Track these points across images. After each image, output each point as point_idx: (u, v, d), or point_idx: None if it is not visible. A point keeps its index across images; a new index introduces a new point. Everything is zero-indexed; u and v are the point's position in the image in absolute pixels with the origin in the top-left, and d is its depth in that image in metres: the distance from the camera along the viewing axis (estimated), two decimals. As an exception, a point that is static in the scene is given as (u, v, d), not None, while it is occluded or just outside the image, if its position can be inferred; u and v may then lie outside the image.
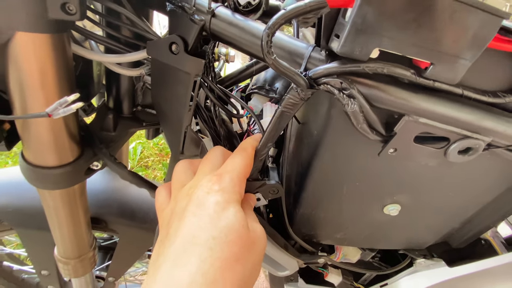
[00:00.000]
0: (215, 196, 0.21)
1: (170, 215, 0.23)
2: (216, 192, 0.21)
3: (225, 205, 0.21)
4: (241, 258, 0.19)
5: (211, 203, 0.21)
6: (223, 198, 0.21)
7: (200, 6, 0.26)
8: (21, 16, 0.21)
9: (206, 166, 0.25)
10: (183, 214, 0.21)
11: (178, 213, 0.22)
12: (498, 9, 0.18)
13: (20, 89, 0.25)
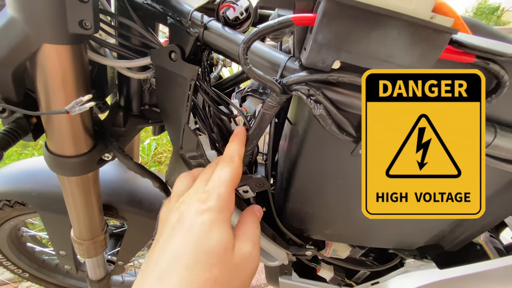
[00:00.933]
0: (202, 216, 0.21)
1: (164, 222, 0.25)
2: (203, 212, 0.22)
3: (210, 226, 0.21)
4: (222, 281, 0.20)
5: (197, 224, 0.21)
6: (210, 219, 0.21)
7: (195, 20, 0.30)
8: (47, 31, 0.26)
9: (200, 181, 0.26)
10: (173, 230, 0.22)
11: (169, 225, 0.23)
12: (446, 26, 0.21)
13: (45, 90, 0.30)
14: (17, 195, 0.59)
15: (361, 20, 0.20)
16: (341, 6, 0.20)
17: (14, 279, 1.21)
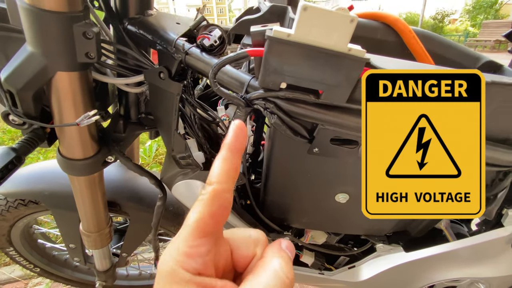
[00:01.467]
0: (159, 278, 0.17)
1: None
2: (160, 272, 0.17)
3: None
4: None
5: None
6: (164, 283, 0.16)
7: (178, 46, 0.37)
8: (60, 62, 0.33)
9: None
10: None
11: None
12: (360, 57, 0.28)
13: (58, 106, 0.37)
14: (31, 195, 0.66)
15: (297, 53, 0.27)
16: (280, 43, 0.27)
17: (24, 276, 1.28)
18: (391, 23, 0.52)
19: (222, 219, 0.18)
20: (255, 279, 0.17)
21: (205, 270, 0.17)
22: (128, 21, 0.40)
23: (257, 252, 0.19)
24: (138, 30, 0.40)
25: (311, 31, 0.26)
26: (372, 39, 0.54)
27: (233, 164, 0.18)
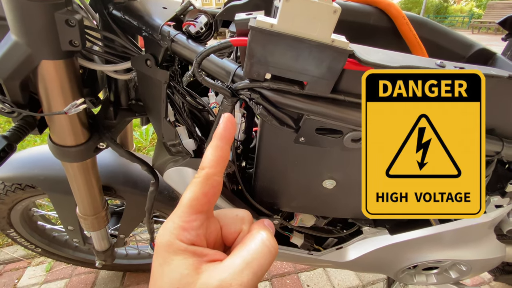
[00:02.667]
0: (157, 250, 0.19)
1: None
2: (159, 245, 0.19)
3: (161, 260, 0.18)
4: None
5: (154, 261, 0.19)
6: (160, 253, 0.18)
7: (164, 33, 0.37)
8: (44, 51, 0.33)
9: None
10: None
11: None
12: (343, 48, 0.28)
13: (46, 95, 0.37)
14: (27, 179, 0.67)
15: (280, 44, 0.27)
16: (263, 34, 0.27)
17: (27, 256, 1.32)
18: (384, 8, 0.51)
19: (213, 198, 0.20)
20: (244, 247, 0.19)
21: (198, 241, 0.19)
22: (113, 6, 0.39)
23: (243, 228, 0.21)
24: (123, 15, 0.39)
25: (294, 21, 0.26)
26: (365, 24, 0.53)
27: (223, 152, 0.20)
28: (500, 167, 0.52)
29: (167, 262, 0.17)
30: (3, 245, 1.39)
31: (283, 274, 1.16)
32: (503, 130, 0.40)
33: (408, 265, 0.66)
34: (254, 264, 0.18)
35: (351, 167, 0.46)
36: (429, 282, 0.72)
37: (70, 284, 1.15)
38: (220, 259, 0.18)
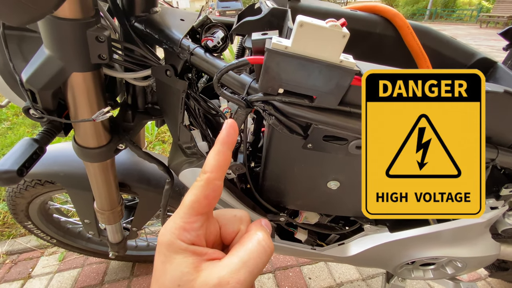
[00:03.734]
0: (160, 248, 0.19)
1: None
2: (161, 243, 0.19)
3: (163, 258, 0.19)
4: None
5: (156, 260, 0.19)
6: (162, 252, 0.19)
7: (184, 46, 0.40)
8: (75, 64, 0.36)
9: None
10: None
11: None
12: (351, 68, 0.31)
13: (74, 103, 0.40)
14: (47, 175, 0.71)
15: (293, 64, 0.30)
16: (278, 54, 0.29)
17: (40, 246, 1.38)
18: (390, 18, 0.53)
19: (213, 201, 0.21)
20: (241, 247, 0.20)
21: (198, 241, 0.20)
22: (134, 19, 0.42)
23: (241, 228, 0.23)
24: (145, 28, 0.42)
25: (307, 44, 0.29)
26: (372, 33, 0.55)
27: (225, 156, 0.21)
28: (496, 171, 0.55)
29: (168, 261, 0.18)
30: (16, 236, 1.45)
31: (285, 267, 1.21)
32: (499, 139, 0.43)
33: (406, 261, 0.69)
34: (251, 263, 0.19)
35: (354, 170, 0.50)
36: (426, 277, 0.76)
37: (82, 273, 1.21)
38: (218, 257, 0.19)
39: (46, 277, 1.22)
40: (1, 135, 2.27)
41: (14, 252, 1.36)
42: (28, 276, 1.24)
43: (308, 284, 1.14)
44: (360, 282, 1.16)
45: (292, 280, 1.16)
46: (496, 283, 1.13)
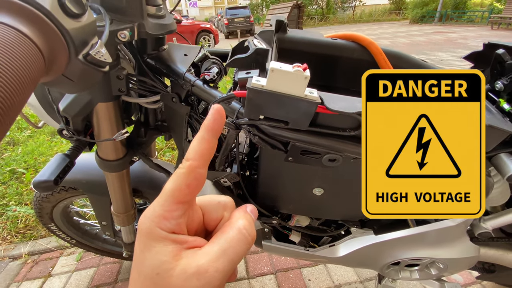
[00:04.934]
0: (139, 235, 0.19)
1: None
2: (141, 229, 0.19)
3: (143, 246, 0.18)
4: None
5: (136, 247, 0.19)
6: (141, 239, 0.19)
7: (186, 79, 0.49)
8: (101, 96, 0.45)
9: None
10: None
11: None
12: (314, 100, 0.39)
13: (98, 125, 0.50)
14: (71, 182, 0.82)
15: (269, 98, 0.38)
16: (256, 91, 0.38)
17: (59, 247, 1.49)
18: (366, 45, 0.61)
19: (195, 190, 0.20)
20: (222, 235, 0.20)
21: (178, 229, 0.19)
22: (147, 56, 0.51)
23: (224, 215, 0.22)
24: (155, 64, 0.51)
25: (278, 83, 0.37)
26: (350, 58, 0.63)
27: (209, 144, 0.20)
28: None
29: (148, 249, 0.18)
30: (37, 237, 1.57)
31: (286, 269, 1.27)
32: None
33: (390, 262, 0.75)
34: (230, 252, 0.19)
35: (334, 179, 0.57)
36: (413, 277, 0.82)
37: (98, 272, 1.31)
38: (200, 245, 0.19)
39: (65, 275, 1.32)
40: (23, 143, 2.44)
41: (35, 253, 1.47)
42: (48, 274, 1.34)
43: (307, 286, 1.20)
44: (357, 284, 1.21)
45: (292, 282, 1.22)
46: (490, 286, 1.16)
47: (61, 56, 0.21)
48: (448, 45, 7.64)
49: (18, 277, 1.34)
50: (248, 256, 1.30)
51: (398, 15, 22.93)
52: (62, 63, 0.21)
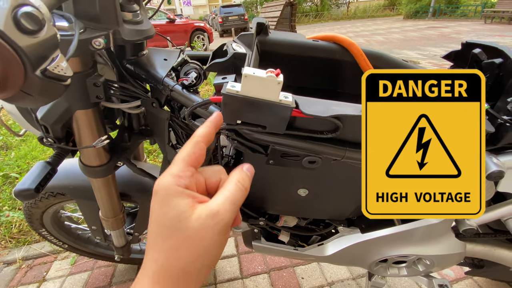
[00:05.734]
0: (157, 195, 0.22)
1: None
2: (155, 192, 0.22)
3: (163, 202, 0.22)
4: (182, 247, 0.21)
5: (154, 204, 0.22)
6: (162, 196, 0.22)
7: (165, 84, 0.49)
8: (78, 104, 0.45)
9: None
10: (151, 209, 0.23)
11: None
12: (288, 105, 0.39)
13: (79, 133, 0.50)
14: (58, 188, 0.81)
15: (244, 103, 0.38)
16: (232, 97, 0.38)
17: (53, 251, 1.49)
18: (346, 46, 0.61)
19: (200, 159, 0.25)
20: (223, 189, 0.24)
21: (191, 187, 0.24)
22: (126, 62, 0.51)
23: (222, 177, 0.27)
24: (134, 69, 0.51)
25: (252, 89, 0.37)
26: (331, 59, 0.63)
27: (210, 130, 0.27)
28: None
29: (167, 204, 0.21)
30: (31, 242, 1.56)
31: (280, 268, 1.28)
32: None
33: (377, 259, 0.76)
34: (232, 198, 0.23)
35: (317, 180, 0.58)
36: (401, 274, 0.83)
37: (92, 276, 1.31)
38: (207, 201, 0.24)
39: (59, 280, 1.32)
40: (16, 147, 2.42)
41: (29, 258, 1.46)
42: (43, 279, 1.34)
43: (300, 284, 1.21)
44: (350, 281, 1.22)
45: (286, 280, 1.23)
46: (481, 280, 1.18)
47: (16, 73, 0.21)
48: (442, 40, 7.67)
49: (12, 282, 1.33)
50: (242, 256, 1.31)
51: (392, 11, 22.99)
52: (19, 80, 0.22)
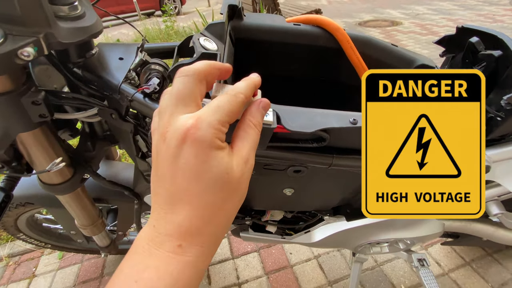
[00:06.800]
0: (192, 149, 0.20)
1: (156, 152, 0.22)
2: (192, 143, 0.20)
3: (205, 157, 0.20)
4: (227, 198, 0.22)
5: (191, 157, 0.20)
6: (202, 150, 0.20)
7: (123, 91, 0.41)
8: (18, 127, 0.38)
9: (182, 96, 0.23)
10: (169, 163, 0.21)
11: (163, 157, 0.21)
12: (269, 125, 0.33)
13: (29, 156, 0.43)
14: (26, 198, 0.75)
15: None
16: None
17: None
18: (331, 31, 0.54)
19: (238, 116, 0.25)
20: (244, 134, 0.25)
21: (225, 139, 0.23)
22: (72, 65, 0.43)
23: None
24: (82, 73, 0.43)
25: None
26: (314, 46, 0.57)
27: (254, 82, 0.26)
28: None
29: (211, 158, 0.21)
30: (14, 239, 1.51)
31: (269, 246, 1.32)
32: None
33: (363, 243, 0.79)
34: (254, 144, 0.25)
35: (302, 181, 0.55)
36: (383, 251, 0.87)
37: (82, 268, 1.30)
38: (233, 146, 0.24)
39: (50, 274, 1.30)
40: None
41: (15, 254, 1.42)
42: (32, 275, 1.32)
43: (289, 259, 1.26)
44: (335, 252, 1.29)
45: (275, 256, 1.28)
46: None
47: None
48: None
49: (2, 280, 1.31)
50: (232, 237, 1.33)
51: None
52: None
